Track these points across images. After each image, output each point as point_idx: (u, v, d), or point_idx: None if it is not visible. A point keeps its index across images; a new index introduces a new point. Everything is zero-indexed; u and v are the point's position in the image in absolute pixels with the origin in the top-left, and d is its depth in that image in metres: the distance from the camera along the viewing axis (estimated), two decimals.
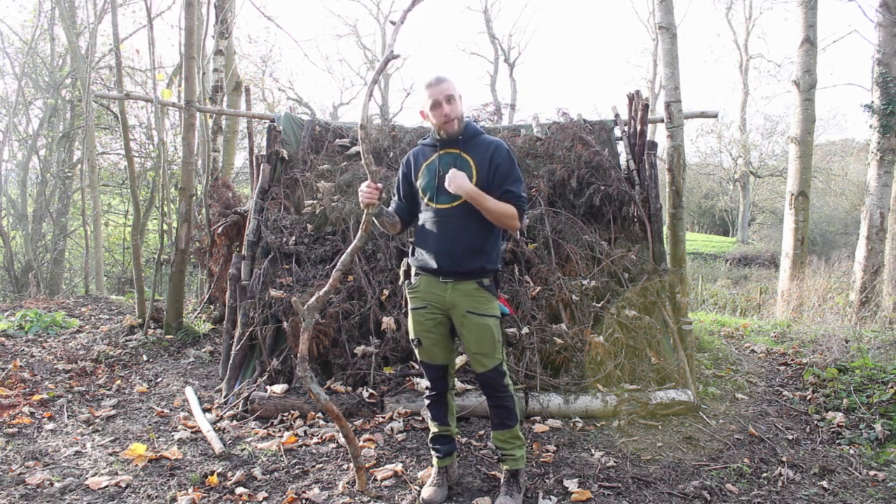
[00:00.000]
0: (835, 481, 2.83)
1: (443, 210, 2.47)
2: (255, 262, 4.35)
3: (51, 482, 2.70)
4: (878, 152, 7.79)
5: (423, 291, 2.53)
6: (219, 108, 6.98)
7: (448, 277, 2.46)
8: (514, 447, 2.57)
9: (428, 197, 2.51)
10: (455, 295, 2.46)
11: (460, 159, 2.49)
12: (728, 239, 26.85)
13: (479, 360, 2.49)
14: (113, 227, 12.44)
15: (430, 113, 2.45)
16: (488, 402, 2.58)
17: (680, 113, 4.80)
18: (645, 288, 4.17)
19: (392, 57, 2.21)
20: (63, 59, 11.42)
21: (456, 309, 2.47)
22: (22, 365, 4.46)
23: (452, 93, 2.43)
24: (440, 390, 2.64)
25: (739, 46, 25.47)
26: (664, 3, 4.95)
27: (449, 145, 2.52)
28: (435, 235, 2.48)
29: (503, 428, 2.55)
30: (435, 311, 2.52)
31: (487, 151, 2.47)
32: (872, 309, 7.28)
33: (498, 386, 2.51)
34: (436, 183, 2.49)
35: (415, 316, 2.56)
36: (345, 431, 2.32)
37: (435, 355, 2.58)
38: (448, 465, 2.68)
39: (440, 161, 2.51)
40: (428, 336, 2.55)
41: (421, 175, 2.56)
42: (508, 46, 26.40)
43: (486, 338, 2.46)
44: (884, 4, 7.78)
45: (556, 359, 3.80)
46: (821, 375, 4.13)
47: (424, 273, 2.53)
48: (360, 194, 2.39)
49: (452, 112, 2.44)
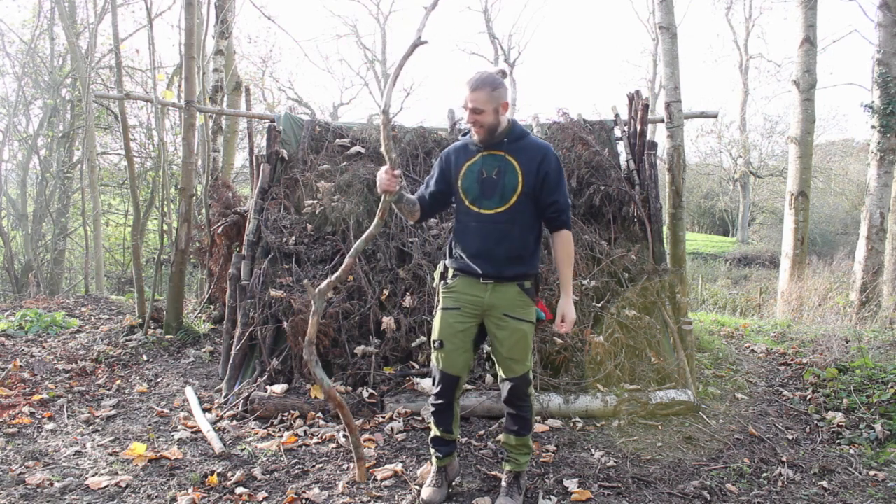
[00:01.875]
0: (835, 481, 2.83)
1: (486, 215, 2.42)
2: (255, 262, 4.35)
3: (51, 482, 2.69)
4: (878, 152, 7.79)
5: (460, 292, 2.47)
6: (219, 108, 6.98)
7: (489, 279, 2.43)
8: (521, 454, 2.57)
9: (470, 200, 2.45)
10: (495, 297, 2.42)
11: (505, 162, 2.41)
12: (728, 239, 26.85)
13: (509, 366, 2.46)
14: (113, 227, 12.44)
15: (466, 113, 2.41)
16: (507, 407, 2.53)
17: (680, 113, 4.80)
18: (645, 288, 4.17)
19: (419, 43, 2.11)
20: (63, 59, 11.42)
21: (493, 310, 2.43)
22: (22, 365, 4.46)
23: (479, 106, 2.34)
24: (447, 399, 2.56)
25: (739, 46, 25.48)
26: (664, 3, 4.95)
27: (493, 146, 2.44)
28: (477, 240, 2.43)
29: (516, 435, 2.53)
30: (468, 315, 2.47)
31: (535, 158, 2.40)
32: (873, 309, 7.28)
33: (521, 395, 2.48)
34: (479, 186, 2.43)
35: (444, 317, 2.50)
36: (346, 420, 2.30)
37: (453, 363, 2.50)
38: (447, 465, 2.67)
39: (483, 163, 2.43)
40: (452, 340, 2.48)
41: (463, 176, 2.48)
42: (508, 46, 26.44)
43: (521, 343, 2.43)
44: (884, 4, 7.78)
45: (556, 359, 3.80)
46: (821, 375, 4.13)
47: (463, 275, 2.48)
48: (379, 181, 2.29)
49: (479, 121, 2.37)
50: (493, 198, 2.41)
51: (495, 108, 2.37)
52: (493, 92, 2.35)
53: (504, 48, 26.24)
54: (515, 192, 2.39)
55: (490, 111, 2.36)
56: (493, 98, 2.35)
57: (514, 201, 2.40)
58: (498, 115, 2.39)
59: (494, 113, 2.37)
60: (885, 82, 7.76)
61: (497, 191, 2.40)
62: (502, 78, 2.42)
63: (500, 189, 2.40)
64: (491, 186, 2.41)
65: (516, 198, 2.40)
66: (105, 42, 11.18)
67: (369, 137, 5.18)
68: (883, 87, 7.78)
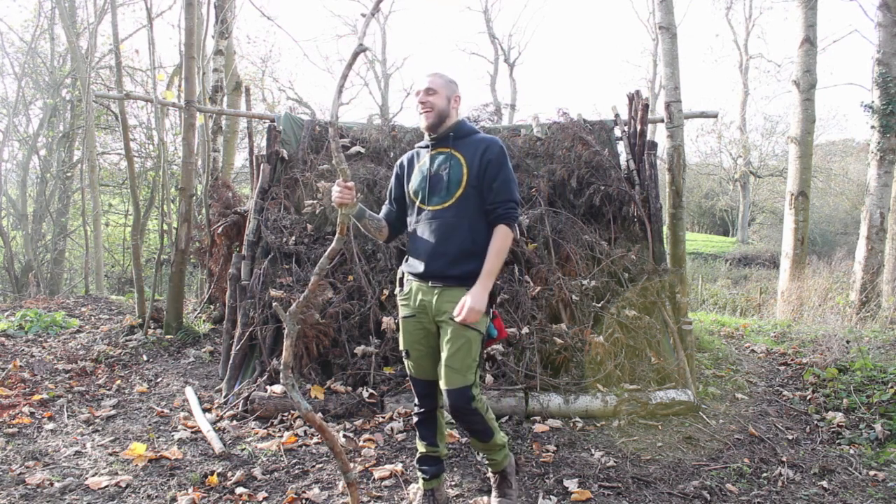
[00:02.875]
0: (835, 481, 2.83)
1: (434, 211, 2.38)
2: (255, 262, 4.35)
3: (51, 482, 2.69)
4: (878, 152, 7.79)
5: (412, 299, 2.42)
6: (219, 108, 6.98)
7: (437, 282, 2.35)
8: (495, 452, 2.47)
9: (419, 199, 2.43)
10: (442, 301, 2.33)
11: (452, 158, 2.40)
12: (728, 239, 26.85)
13: (446, 374, 2.30)
14: (113, 227, 12.43)
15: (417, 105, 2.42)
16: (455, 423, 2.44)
17: (680, 113, 4.80)
18: (645, 288, 4.17)
19: (360, 50, 2.08)
20: (63, 59, 11.42)
21: (442, 315, 2.34)
22: (22, 365, 4.46)
23: (434, 87, 2.37)
24: (428, 407, 2.50)
25: (739, 46, 25.48)
26: (664, 3, 4.95)
27: (441, 144, 2.44)
28: (425, 238, 2.39)
29: (480, 441, 2.43)
30: (423, 320, 2.41)
31: (479, 148, 2.38)
32: (873, 309, 7.28)
33: (460, 409, 2.30)
34: (426, 184, 2.41)
35: (404, 325, 2.47)
36: (331, 444, 2.14)
37: (423, 369, 2.46)
38: (435, 488, 2.55)
39: (431, 161, 2.43)
40: (416, 348, 2.44)
41: (413, 177, 2.48)
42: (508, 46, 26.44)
43: (461, 350, 2.28)
44: (884, 4, 7.78)
45: (556, 359, 3.80)
46: (821, 375, 4.13)
47: (414, 279, 2.42)
48: (333, 194, 2.21)
49: (428, 102, 2.37)
50: (439, 193, 2.38)
51: (448, 95, 2.42)
52: (448, 81, 2.43)
53: (504, 48, 26.24)
54: (461, 185, 2.36)
55: (443, 96, 2.39)
56: (448, 86, 2.42)
57: (461, 194, 2.36)
58: (449, 105, 2.42)
59: (447, 100, 2.41)
60: (885, 82, 7.76)
61: (443, 185, 2.38)
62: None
63: (446, 183, 2.38)
64: (437, 182, 2.39)
65: (462, 190, 2.36)
66: (105, 42, 11.19)
67: (369, 137, 5.18)
68: (883, 87, 7.78)
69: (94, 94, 8.49)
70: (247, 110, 6.32)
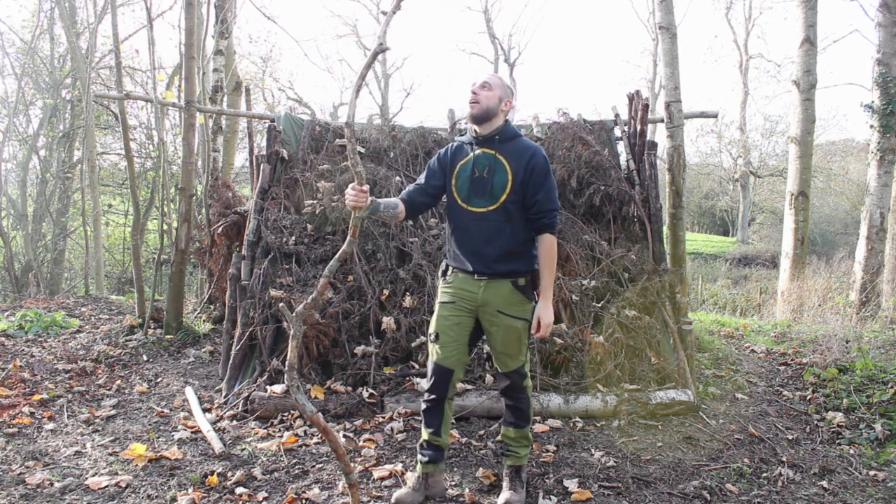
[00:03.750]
0: (835, 481, 2.83)
1: (478, 213, 2.46)
2: (255, 262, 4.35)
3: (51, 482, 2.69)
4: (878, 152, 7.79)
5: (456, 287, 2.51)
6: (219, 108, 6.98)
7: (482, 276, 2.46)
8: (521, 446, 2.60)
9: (462, 198, 2.49)
10: (488, 293, 2.45)
11: (496, 161, 2.46)
12: (728, 239, 26.85)
13: (502, 360, 2.52)
14: (113, 227, 12.43)
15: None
16: (505, 400, 2.60)
17: (680, 113, 4.80)
18: (645, 288, 4.17)
19: (381, 50, 2.05)
20: (63, 59, 11.41)
21: (487, 307, 2.46)
22: (22, 365, 4.45)
23: (489, 82, 2.45)
24: (440, 395, 2.54)
25: (739, 46, 25.47)
26: (664, 3, 4.95)
27: (485, 145, 2.48)
28: (469, 238, 2.47)
29: (514, 427, 2.59)
30: (462, 309, 2.50)
31: (524, 156, 2.44)
32: (873, 309, 7.28)
33: (517, 387, 2.54)
34: (470, 184, 2.46)
35: (440, 310, 2.55)
36: (334, 446, 2.17)
37: (447, 357, 2.51)
38: (430, 473, 2.57)
39: (475, 162, 2.48)
40: (448, 334, 2.52)
41: (456, 174, 2.52)
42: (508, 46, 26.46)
43: (513, 339, 2.47)
44: (884, 4, 7.78)
45: (556, 359, 3.80)
46: (821, 375, 4.13)
47: (460, 271, 2.52)
48: (347, 197, 2.24)
49: (480, 95, 2.43)
50: (483, 196, 2.45)
51: (501, 96, 2.46)
52: (506, 85, 2.49)
53: (504, 48, 26.26)
54: (505, 191, 2.43)
55: (496, 95, 2.45)
56: (503, 88, 2.48)
57: (504, 199, 2.43)
58: (500, 106, 2.47)
59: (498, 101, 2.46)
60: (885, 82, 7.76)
61: (487, 189, 2.44)
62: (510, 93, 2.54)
63: (490, 187, 2.44)
64: (481, 185, 2.45)
65: (506, 196, 2.43)
66: (105, 42, 11.19)
67: (369, 137, 5.18)
68: (883, 87, 7.78)
69: (94, 94, 8.48)
70: (247, 110, 6.32)
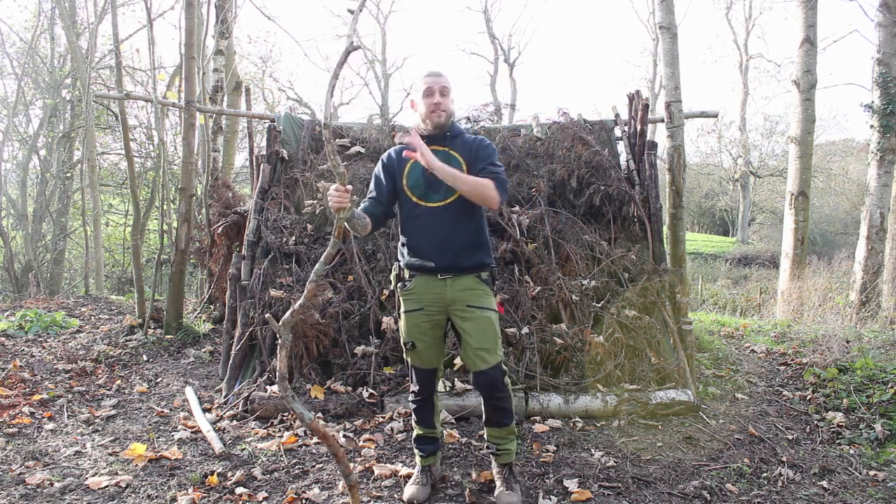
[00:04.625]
0: (835, 481, 2.83)
1: (435, 208, 2.45)
2: (255, 262, 4.35)
3: (51, 482, 2.69)
4: (878, 152, 7.79)
5: (420, 293, 2.49)
6: (219, 108, 6.98)
7: (447, 273, 2.45)
8: (509, 441, 2.57)
9: (417, 196, 2.48)
10: (455, 290, 2.44)
11: (449, 156, 2.47)
12: (728, 239, 26.84)
13: (481, 357, 2.44)
14: (113, 227, 12.43)
15: (422, 101, 2.45)
16: (485, 403, 2.53)
17: (680, 113, 4.80)
18: (645, 288, 4.17)
19: (352, 49, 2.05)
20: (63, 59, 11.41)
21: (456, 304, 2.45)
22: (22, 365, 4.46)
23: (448, 87, 2.46)
24: (427, 394, 2.61)
25: (739, 46, 25.47)
26: (664, 2, 4.94)
27: (436, 142, 2.48)
28: (430, 234, 2.45)
29: (499, 426, 2.54)
30: (432, 312, 2.49)
31: (472, 144, 2.50)
32: (873, 309, 7.28)
33: (498, 384, 2.46)
34: (424, 181, 2.46)
35: (409, 318, 2.53)
36: (333, 450, 2.16)
37: (427, 359, 2.56)
38: (431, 464, 2.67)
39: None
40: (422, 339, 2.52)
41: (407, 175, 2.51)
42: (508, 46, 26.44)
43: (489, 331, 2.44)
44: (884, 4, 7.78)
45: (556, 359, 3.80)
46: (821, 375, 4.12)
47: (420, 273, 2.49)
48: (330, 199, 2.21)
49: (443, 104, 2.44)
50: (440, 191, 2.44)
51: (453, 97, 2.51)
52: (451, 84, 2.50)
53: (504, 48, 26.25)
54: None
55: (452, 98, 2.49)
56: (452, 88, 2.49)
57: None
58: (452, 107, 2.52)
59: (453, 102, 2.51)
60: (885, 82, 7.76)
61: (443, 183, 2.41)
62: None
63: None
64: (436, 180, 2.41)
65: None
66: (105, 42, 11.20)
67: (369, 137, 5.18)
68: (883, 87, 7.78)
69: (94, 94, 8.48)
70: (247, 110, 6.32)
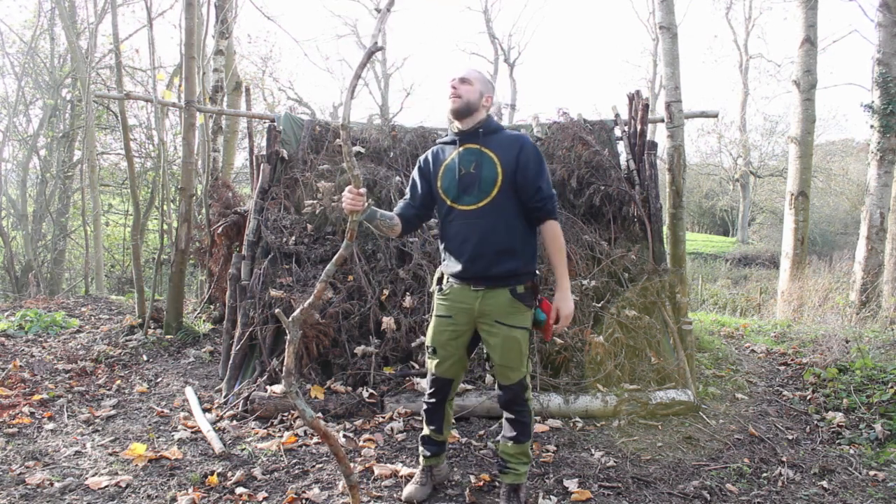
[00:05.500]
0: (835, 481, 2.83)
1: (468, 211, 2.35)
2: (255, 262, 4.35)
3: (51, 482, 2.69)
4: (878, 152, 7.79)
5: (452, 300, 2.42)
6: (219, 108, 6.98)
7: (479, 285, 2.35)
8: (520, 463, 2.47)
9: (451, 198, 2.38)
10: (486, 304, 2.35)
11: (482, 156, 2.35)
12: (728, 239, 26.85)
13: (503, 373, 2.40)
14: (113, 227, 12.43)
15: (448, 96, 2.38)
16: (505, 413, 2.49)
17: (680, 113, 4.80)
18: (645, 288, 4.17)
19: (375, 49, 2.02)
20: (63, 59, 11.41)
21: (484, 318, 2.36)
22: (22, 365, 4.45)
23: (469, 77, 2.36)
24: (440, 399, 2.57)
25: (739, 46, 25.47)
26: (664, 2, 4.95)
27: (469, 140, 2.38)
28: (462, 239, 2.36)
29: (514, 443, 2.45)
30: (460, 323, 2.41)
31: (513, 149, 2.33)
32: (873, 309, 7.28)
33: (519, 399, 2.43)
34: (458, 183, 2.36)
35: (437, 324, 2.47)
36: (334, 450, 2.15)
37: (445, 370, 2.50)
38: (434, 465, 2.64)
39: (460, 158, 2.38)
40: (445, 348, 2.46)
41: (441, 176, 2.42)
42: (508, 46, 26.40)
43: (513, 350, 2.36)
44: (884, 4, 7.78)
45: (556, 359, 3.80)
46: (821, 375, 4.13)
47: (455, 280, 2.41)
48: (344, 201, 2.18)
49: (460, 89, 2.34)
50: (473, 193, 2.34)
51: (482, 91, 2.38)
52: (484, 79, 2.41)
53: (504, 48, 26.22)
54: (496, 184, 2.32)
55: (476, 89, 2.37)
56: (483, 82, 2.40)
57: (496, 193, 2.32)
58: (480, 101, 2.39)
59: (479, 95, 2.38)
60: (885, 82, 7.76)
61: (476, 185, 2.33)
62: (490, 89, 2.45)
63: (479, 183, 2.33)
64: (470, 181, 2.34)
65: (497, 190, 2.32)
66: (105, 42, 11.20)
67: (369, 137, 5.18)
68: (883, 87, 7.78)
69: (94, 94, 8.49)
70: (247, 110, 6.32)
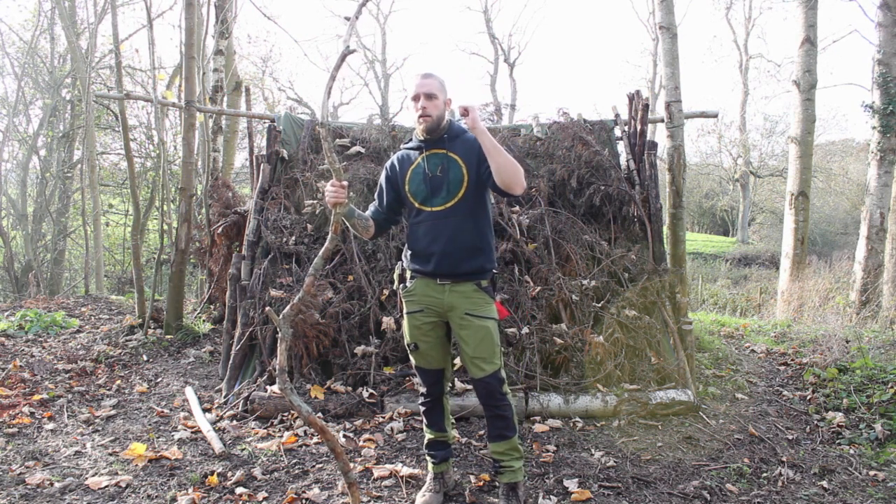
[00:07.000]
0: (835, 481, 2.83)
1: (438, 212, 2.42)
2: (255, 262, 4.35)
3: (51, 482, 2.69)
4: (878, 152, 7.79)
5: (420, 294, 2.48)
6: (219, 108, 6.98)
7: (445, 279, 2.43)
8: (513, 459, 2.49)
9: (420, 201, 2.46)
10: (453, 297, 2.42)
11: (448, 159, 2.43)
12: (728, 239, 26.83)
13: (477, 365, 2.41)
14: (113, 227, 12.43)
15: (411, 104, 2.43)
16: (486, 411, 2.49)
17: (680, 113, 4.80)
18: (645, 288, 4.17)
19: (348, 52, 2.10)
20: (63, 59, 11.42)
21: (454, 311, 2.43)
22: (22, 365, 4.45)
23: (434, 91, 2.39)
24: (435, 395, 2.59)
25: (739, 46, 25.45)
26: (664, 2, 4.94)
27: (434, 146, 2.46)
28: (431, 238, 2.43)
29: (501, 439, 2.46)
30: (431, 314, 2.48)
31: (474, 148, 2.40)
32: (873, 309, 7.28)
33: (496, 393, 2.43)
34: (426, 185, 2.44)
35: (410, 320, 2.52)
36: (332, 445, 2.17)
37: (431, 359, 2.54)
38: (444, 471, 2.63)
39: (427, 163, 2.45)
40: (424, 340, 2.51)
41: (409, 180, 2.50)
42: (508, 46, 26.42)
43: (486, 340, 2.40)
44: (884, 4, 7.78)
45: (556, 359, 3.80)
46: (821, 375, 4.13)
47: (421, 276, 2.48)
48: (327, 194, 2.25)
49: (428, 108, 2.39)
50: (440, 194, 2.42)
51: (444, 99, 2.44)
52: (442, 84, 2.44)
53: (504, 48, 26.23)
54: (462, 185, 2.41)
55: (441, 101, 2.42)
56: (442, 89, 2.43)
57: (463, 194, 2.41)
58: (444, 109, 2.45)
59: (443, 105, 2.43)
60: (885, 82, 7.76)
61: (444, 187, 2.41)
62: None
63: (447, 185, 2.41)
64: (437, 183, 2.42)
65: (464, 190, 2.41)
66: (105, 42, 11.20)
67: (369, 137, 5.18)
68: (883, 87, 7.78)
69: (94, 94, 8.49)
70: (247, 110, 6.32)
